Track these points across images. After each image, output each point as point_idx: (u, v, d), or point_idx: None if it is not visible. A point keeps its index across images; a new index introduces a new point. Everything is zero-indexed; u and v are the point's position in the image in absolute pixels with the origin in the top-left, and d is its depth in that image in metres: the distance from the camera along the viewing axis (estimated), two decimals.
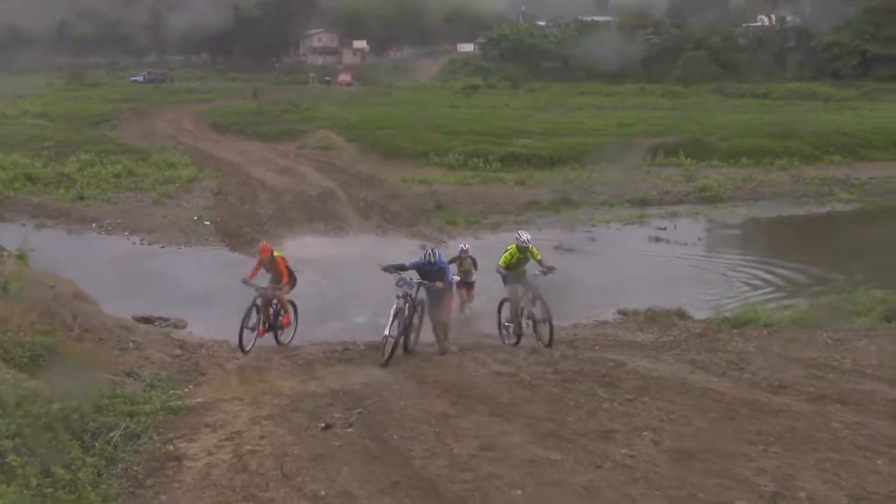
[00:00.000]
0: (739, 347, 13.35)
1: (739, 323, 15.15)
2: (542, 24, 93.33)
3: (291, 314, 14.87)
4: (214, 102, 61.82)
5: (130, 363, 11.88)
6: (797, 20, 79.94)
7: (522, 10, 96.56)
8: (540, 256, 14.33)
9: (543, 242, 14.89)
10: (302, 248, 21.66)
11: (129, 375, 11.16)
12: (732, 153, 39.82)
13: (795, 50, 77.66)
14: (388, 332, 12.51)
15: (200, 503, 7.32)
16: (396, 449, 8.23)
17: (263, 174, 34.54)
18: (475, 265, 17.44)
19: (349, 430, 8.87)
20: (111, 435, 8.43)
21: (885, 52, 69.31)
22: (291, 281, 14.62)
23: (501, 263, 14.24)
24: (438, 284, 13.17)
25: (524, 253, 14.18)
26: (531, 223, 26.53)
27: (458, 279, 15.48)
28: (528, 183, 34.43)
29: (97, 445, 8.06)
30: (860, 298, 15.69)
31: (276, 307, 14.45)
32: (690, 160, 38.25)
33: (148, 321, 15.81)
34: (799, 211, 32.04)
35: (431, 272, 13.30)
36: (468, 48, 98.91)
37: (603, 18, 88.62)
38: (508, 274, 14.25)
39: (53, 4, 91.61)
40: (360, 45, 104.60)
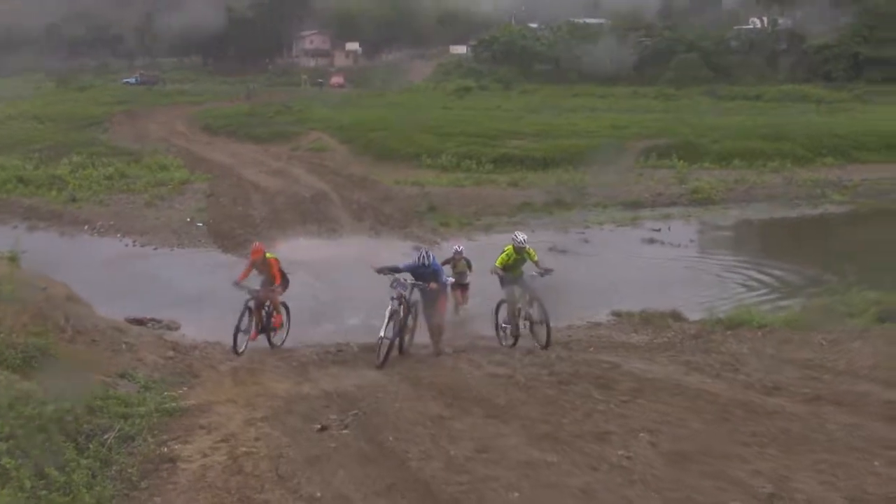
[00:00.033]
0: (734, 349, 13.35)
1: (733, 324, 15.14)
2: (534, 26, 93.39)
3: (284, 315, 14.85)
4: (206, 104, 61.67)
5: (124, 365, 11.81)
6: (788, 22, 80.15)
7: (515, 13, 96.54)
8: (537, 257, 14.32)
9: (537, 244, 14.86)
10: (295, 249, 21.67)
11: (122, 377, 11.10)
12: (725, 155, 39.94)
13: (787, 52, 77.83)
14: (383, 333, 12.50)
15: None
16: (392, 451, 8.20)
17: (256, 176, 34.49)
18: (469, 267, 17.44)
19: (344, 432, 8.84)
20: (105, 437, 8.39)
21: (876, 54, 69.51)
22: (284, 283, 14.59)
23: (498, 265, 14.17)
24: (433, 285, 13.14)
25: (521, 254, 14.14)
26: (524, 225, 26.53)
27: (452, 280, 15.47)
28: (521, 184, 34.48)
29: (91, 447, 8.02)
30: (853, 300, 15.69)
31: (268, 309, 14.41)
32: (683, 162, 38.37)
33: (141, 323, 15.77)
34: (791, 213, 32.14)
35: (425, 274, 13.27)
36: (460, 50, 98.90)
37: (595, 21, 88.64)
38: (505, 275, 14.20)
39: (45, 7, 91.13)
40: (352, 47, 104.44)
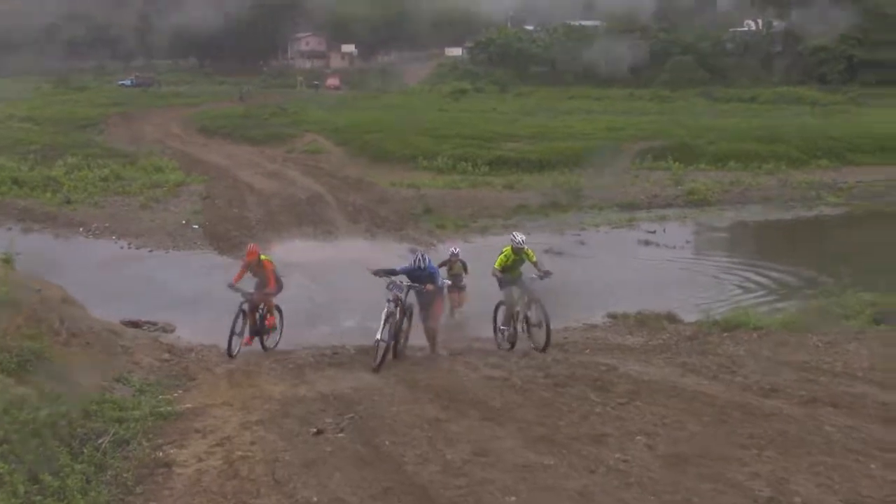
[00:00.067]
0: (730, 351, 13.34)
1: (729, 326, 15.14)
2: (529, 28, 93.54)
3: (277, 318, 14.79)
4: (202, 106, 61.54)
5: (119, 368, 11.78)
6: (783, 25, 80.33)
7: (511, 15, 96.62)
8: (535, 258, 14.26)
9: (533, 246, 14.79)
10: (291, 252, 21.62)
11: (117, 380, 11.07)
12: (720, 157, 40.04)
13: (782, 54, 78.13)
14: (379, 336, 12.42)
15: None
16: (388, 454, 8.16)
17: (251, 178, 34.42)
18: (465, 269, 17.42)
19: (340, 435, 8.80)
20: (100, 441, 8.35)
21: (871, 57, 69.78)
22: (278, 286, 14.54)
23: (497, 266, 14.09)
24: (429, 287, 13.09)
25: (519, 255, 14.06)
26: (520, 227, 26.45)
27: (449, 283, 15.44)
28: (516, 187, 34.48)
29: (86, 452, 7.98)
30: (849, 301, 15.76)
31: (262, 311, 14.37)
32: (678, 164, 38.47)
33: (136, 325, 15.72)
34: (787, 215, 32.23)
35: (421, 277, 13.23)
36: (456, 52, 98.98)
37: (591, 23, 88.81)
38: (504, 276, 14.15)
39: (43, 8, 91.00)
40: (348, 49, 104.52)
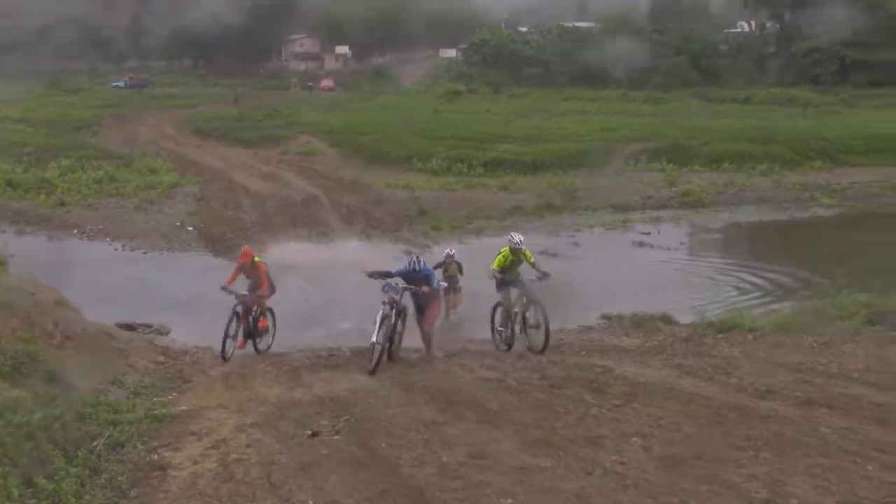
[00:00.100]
0: (725, 352, 13.35)
1: (724, 328, 15.15)
2: (523, 29, 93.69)
3: (270, 320, 14.76)
4: (196, 108, 61.51)
5: (114, 371, 11.74)
6: (776, 26, 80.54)
7: (505, 17, 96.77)
8: (533, 259, 14.24)
9: (527, 248, 14.79)
10: (286, 253, 21.61)
11: (112, 383, 11.03)
12: (714, 158, 40.07)
13: (775, 56, 78.35)
14: (375, 338, 12.37)
15: None
16: (384, 457, 8.13)
17: (246, 180, 34.36)
18: (461, 270, 17.40)
19: (336, 437, 8.77)
20: (94, 444, 8.31)
21: (863, 58, 69.90)
22: (271, 288, 14.51)
23: (495, 267, 14.04)
24: (425, 289, 13.05)
25: (517, 255, 14.02)
26: (515, 228, 26.41)
27: (445, 285, 15.41)
28: (511, 188, 34.46)
29: (80, 455, 7.94)
30: (844, 302, 15.77)
31: (255, 314, 14.34)
32: (672, 165, 38.51)
33: (131, 328, 15.65)
34: (781, 216, 32.26)
35: (417, 279, 13.16)
36: (451, 54, 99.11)
37: (584, 24, 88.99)
38: (502, 277, 14.09)
39: (36, 10, 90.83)
40: (342, 50, 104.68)
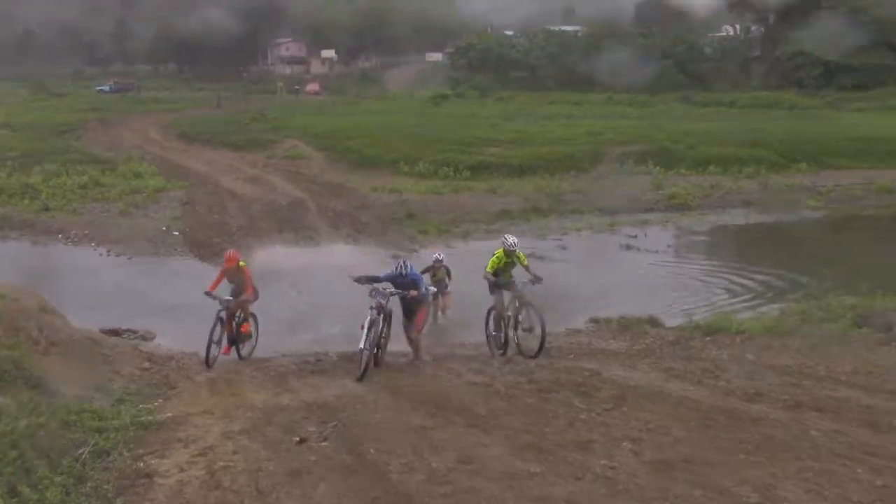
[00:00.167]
0: (713, 355, 13.36)
1: (712, 330, 15.16)
2: (509, 33, 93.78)
3: (252, 325, 14.64)
4: (182, 112, 61.30)
5: (99, 377, 11.64)
6: (760, 30, 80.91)
7: (491, 21, 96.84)
8: (527, 262, 14.17)
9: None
10: (272, 257, 21.49)
11: (97, 390, 10.92)
12: (700, 161, 40.06)
13: (760, 59, 78.59)
14: (363, 344, 12.23)
15: None
16: (373, 463, 8.07)
17: (232, 184, 34.25)
18: (449, 275, 17.34)
19: (324, 444, 8.70)
20: (79, 452, 8.23)
21: (847, 61, 70.20)
22: (255, 293, 14.41)
23: (489, 269, 13.93)
24: (413, 293, 12.97)
25: (511, 257, 13.91)
26: (503, 232, 26.39)
27: (434, 290, 15.34)
28: (498, 192, 34.41)
29: (65, 463, 7.85)
30: (830, 305, 15.79)
31: (239, 318, 14.24)
32: (659, 168, 38.49)
33: (116, 333, 15.52)
34: (767, 218, 32.33)
35: (404, 283, 13.06)
36: (437, 57, 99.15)
37: (571, 28, 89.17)
38: (496, 280, 14.00)
39: (20, 13, 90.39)
40: (328, 54, 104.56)
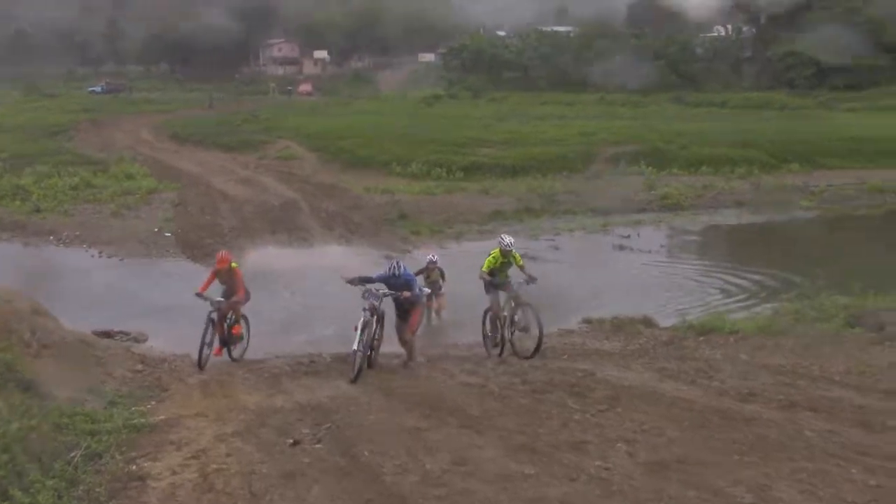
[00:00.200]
0: (707, 355, 13.37)
1: (705, 330, 15.19)
2: (502, 34, 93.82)
3: (244, 326, 14.59)
4: (174, 113, 61.13)
5: (91, 380, 11.57)
6: (752, 30, 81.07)
7: (484, 22, 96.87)
8: (522, 262, 14.17)
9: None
10: (264, 258, 21.44)
11: (89, 392, 10.85)
12: (692, 161, 40.06)
13: (752, 60, 78.74)
14: (356, 346, 12.18)
15: None
16: (367, 465, 8.05)
17: (224, 185, 34.14)
18: (443, 276, 17.32)
19: (318, 446, 8.67)
20: (72, 455, 8.16)
21: (838, 62, 70.28)
22: (247, 294, 14.36)
23: (485, 269, 13.94)
24: (406, 294, 12.93)
25: (507, 257, 13.91)
26: (496, 233, 26.40)
27: (428, 291, 15.31)
28: (491, 192, 34.38)
29: (57, 466, 7.80)
30: (823, 304, 15.83)
31: (230, 320, 14.18)
32: (651, 168, 38.51)
33: (108, 335, 15.44)
34: (759, 219, 32.38)
35: (397, 284, 13.02)
36: (430, 58, 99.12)
37: (563, 29, 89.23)
38: (492, 280, 13.98)
39: (10, 13, 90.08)
40: (320, 55, 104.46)
